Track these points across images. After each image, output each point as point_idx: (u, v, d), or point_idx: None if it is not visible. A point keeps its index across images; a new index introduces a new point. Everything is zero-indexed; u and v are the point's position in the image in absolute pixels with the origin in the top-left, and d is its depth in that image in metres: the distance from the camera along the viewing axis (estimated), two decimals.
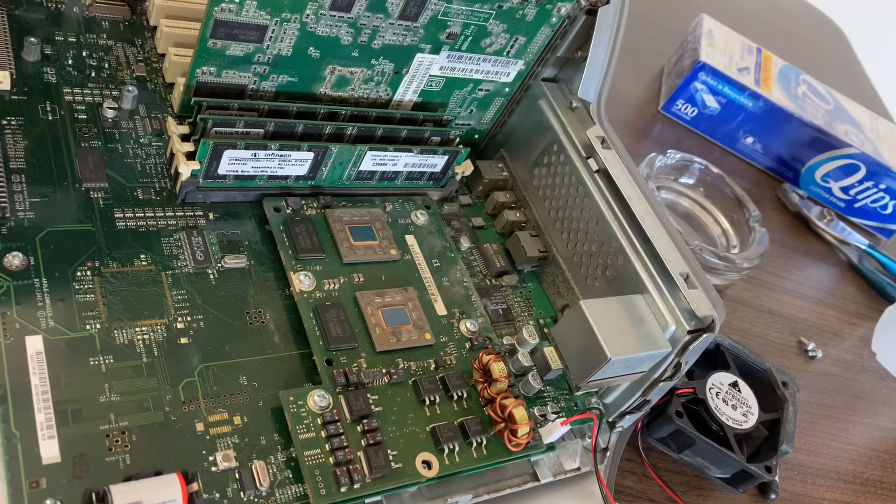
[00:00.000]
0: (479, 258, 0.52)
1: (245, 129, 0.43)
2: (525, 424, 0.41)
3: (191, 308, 0.40)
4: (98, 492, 0.32)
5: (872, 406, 0.69)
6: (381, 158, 0.47)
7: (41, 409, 0.34)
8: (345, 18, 0.42)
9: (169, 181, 0.44)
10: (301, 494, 0.37)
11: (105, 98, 0.45)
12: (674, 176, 0.76)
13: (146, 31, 0.50)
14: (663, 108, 0.87)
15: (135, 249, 0.41)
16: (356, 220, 0.47)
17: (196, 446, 0.36)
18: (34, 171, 0.41)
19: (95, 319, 0.38)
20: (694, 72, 0.83)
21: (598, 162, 0.49)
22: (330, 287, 0.44)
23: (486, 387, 0.42)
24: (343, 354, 0.41)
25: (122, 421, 0.35)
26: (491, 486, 0.42)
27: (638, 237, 0.46)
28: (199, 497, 0.34)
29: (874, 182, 0.85)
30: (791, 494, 0.57)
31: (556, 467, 0.44)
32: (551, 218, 0.52)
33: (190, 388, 0.38)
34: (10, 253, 0.37)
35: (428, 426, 0.41)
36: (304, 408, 0.38)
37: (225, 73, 0.43)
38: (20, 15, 0.46)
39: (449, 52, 0.47)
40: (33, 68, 0.45)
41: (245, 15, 0.40)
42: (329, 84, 0.46)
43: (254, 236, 0.45)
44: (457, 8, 0.45)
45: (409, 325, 0.44)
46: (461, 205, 0.54)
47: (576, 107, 0.52)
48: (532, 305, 0.51)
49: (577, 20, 0.49)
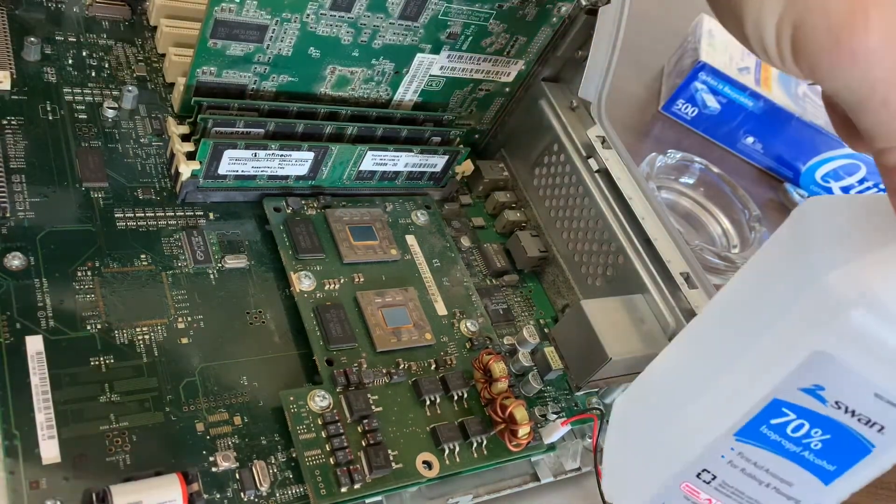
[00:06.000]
0: (480, 258, 0.52)
1: (245, 129, 0.43)
2: (525, 424, 0.41)
3: (191, 308, 0.40)
4: (98, 492, 0.32)
5: None
6: (381, 158, 0.47)
7: (41, 409, 0.34)
8: (345, 18, 0.42)
9: (169, 181, 0.44)
10: (301, 495, 0.37)
11: (105, 98, 0.45)
12: (674, 176, 0.76)
13: (146, 31, 0.50)
14: (663, 108, 0.87)
15: (135, 249, 0.41)
16: (356, 220, 0.47)
17: (196, 446, 0.36)
18: (34, 171, 0.41)
19: (95, 319, 0.37)
20: (694, 72, 0.83)
21: (599, 162, 0.49)
22: (330, 287, 0.44)
23: (487, 387, 0.42)
24: (343, 354, 0.41)
25: (122, 421, 0.35)
26: (491, 486, 0.42)
27: (638, 237, 0.46)
28: (199, 497, 0.34)
29: (874, 182, 0.85)
30: None
31: (556, 467, 0.44)
32: (552, 218, 0.52)
33: (190, 388, 0.38)
34: (10, 253, 0.37)
35: (428, 426, 0.41)
36: (304, 408, 0.38)
37: (225, 73, 0.43)
38: (20, 15, 0.46)
39: (449, 51, 0.47)
40: (33, 68, 0.45)
41: (245, 15, 0.40)
42: (329, 84, 0.46)
43: (254, 236, 0.45)
44: (457, 8, 0.45)
45: (409, 325, 0.44)
46: (461, 205, 0.54)
47: (576, 107, 0.51)
48: (532, 305, 0.51)
49: (578, 20, 0.49)
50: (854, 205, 0.27)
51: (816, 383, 0.26)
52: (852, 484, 0.29)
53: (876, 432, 0.27)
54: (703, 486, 0.31)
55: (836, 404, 0.27)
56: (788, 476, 0.29)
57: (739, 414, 0.28)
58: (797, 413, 0.27)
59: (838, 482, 0.29)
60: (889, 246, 0.25)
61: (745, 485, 0.30)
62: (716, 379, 0.30)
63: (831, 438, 0.28)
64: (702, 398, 0.30)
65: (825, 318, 0.25)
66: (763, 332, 0.28)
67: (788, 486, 0.29)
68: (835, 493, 0.30)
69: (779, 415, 0.28)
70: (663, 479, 0.31)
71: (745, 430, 0.29)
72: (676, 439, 0.31)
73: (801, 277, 0.26)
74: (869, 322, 0.24)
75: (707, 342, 0.32)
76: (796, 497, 0.30)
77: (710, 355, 0.31)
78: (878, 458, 0.28)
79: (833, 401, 0.26)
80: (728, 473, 0.30)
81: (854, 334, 0.25)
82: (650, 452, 0.33)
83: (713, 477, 0.30)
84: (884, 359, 0.25)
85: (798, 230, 0.28)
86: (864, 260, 0.25)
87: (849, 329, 0.25)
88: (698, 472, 0.30)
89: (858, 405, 0.26)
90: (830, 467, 0.29)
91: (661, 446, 0.32)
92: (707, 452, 0.30)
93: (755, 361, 0.28)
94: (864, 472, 0.29)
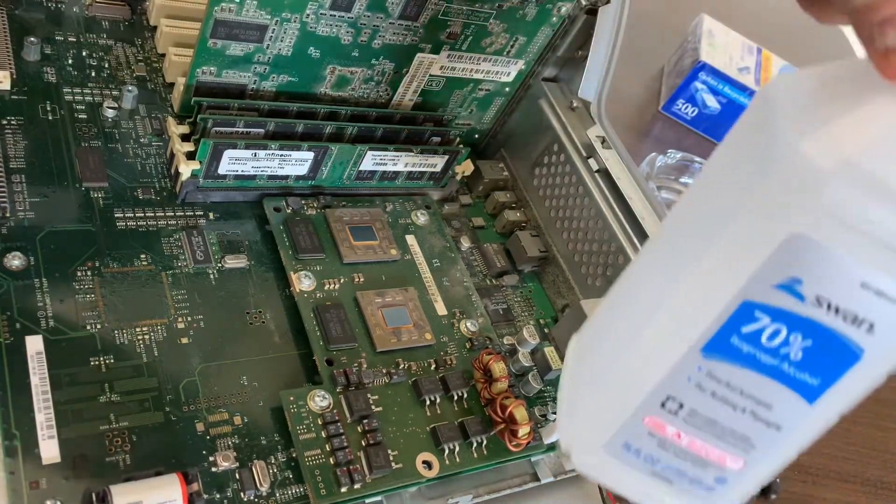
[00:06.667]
0: (480, 258, 0.52)
1: (245, 128, 0.43)
2: (525, 424, 0.41)
3: (191, 308, 0.40)
4: (98, 492, 0.32)
5: (873, 406, 0.69)
6: (381, 158, 0.47)
7: (41, 409, 0.34)
8: (345, 18, 0.42)
9: (169, 181, 0.44)
10: (301, 495, 0.37)
11: (105, 98, 0.45)
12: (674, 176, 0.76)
13: (146, 31, 0.50)
14: (663, 108, 0.87)
15: (135, 249, 0.41)
16: (356, 220, 0.47)
17: (196, 446, 0.36)
18: (34, 171, 0.41)
19: (95, 319, 0.37)
20: (694, 71, 0.83)
21: (599, 162, 0.49)
22: (330, 287, 0.44)
23: (487, 387, 0.42)
24: (343, 354, 0.41)
25: (122, 421, 0.35)
26: (491, 486, 0.42)
27: (638, 237, 0.46)
28: (199, 497, 0.34)
29: None
30: (791, 494, 0.57)
31: (556, 467, 0.44)
32: (552, 218, 0.52)
33: (190, 388, 0.38)
34: (10, 253, 0.37)
35: (428, 426, 0.41)
36: (304, 408, 0.38)
37: (225, 73, 0.43)
38: (20, 15, 0.46)
39: (449, 51, 0.47)
40: (33, 68, 0.45)
41: (245, 15, 0.40)
42: (329, 84, 0.46)
43: (254, 236, 0.45)
44: (457, 8, 0.45)
45: (409, 325, 0.44)
46: (461, 205, 0.54)
47: (576, 106, 0.51)
48: (532, 305, 0.51)
49: (578, 20, 0.49)
50: (822, 74, 0.24)
51: (793, 276, 0.23)
52: (840, 402, 0.25)
53: (864, 332, 0.23)
54: (670, 417, 0.26)
55: (816, 301, 0.23)
56: (766, 397, 0.25)
57: (705, 324, 0.24)
58: (772, 316, 0.23)
59: (825, 400, 0.25)
60: (870, 104, 0.22)
61: (718, 412, 0.26)
62: (676, 286, 0.25)
63: (813, 345, 0.24)
64: (661, 311, 0.26)
65: (800, 193, 0.22)
66: (727, 222, 0.24)
67: (767, 409, 0.25)
68: (821, 414, 0.26)
69: (751, 320, 0.24)
70: (624, 415, 0.27)
71: (712, 343, 0.24)
72: (636, 365, 0.27)
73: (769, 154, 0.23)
74: (852, 193, 0.21)
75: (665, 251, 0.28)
76: (777, 422, 0.26)
77: (669, 263, 0.27)
78: (868, 367, 0.24)
79: (813, 297, 0.23)
80: (697, 399, 0.26)
81: (835, 208, 0.21)
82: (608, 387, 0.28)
83: (680, 406, 0.26)
84: (870, 236, 0.21)
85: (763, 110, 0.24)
86: (841, 123, 0.21)
87: (828, 203, 0.21)
88: (662, 400, 0.26)
89: (842, 299, 0.22)
90: (814, 381, 0.25)
91: (620, 377, 0.27)
92: (671, 375, 0.25)
93: (720, 258, 0.24)
94: (854, 387, 0.25)
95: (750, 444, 0.26)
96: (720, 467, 0.27)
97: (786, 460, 0.27)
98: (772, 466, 0.27)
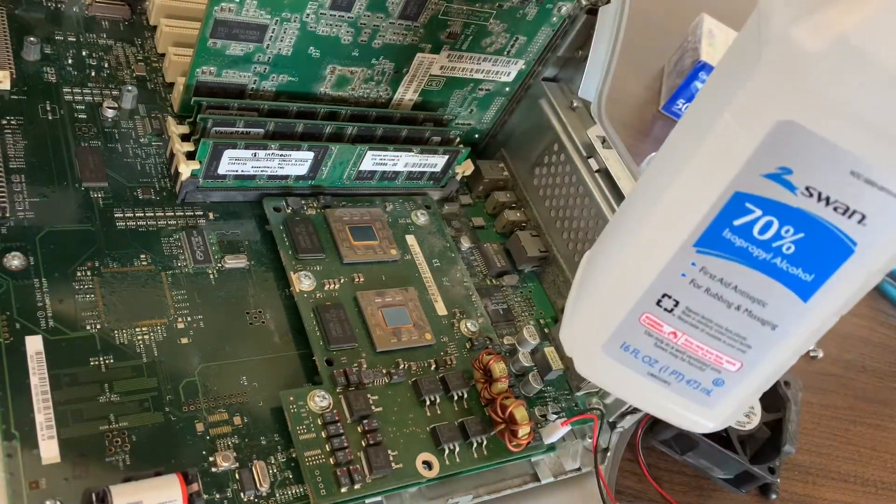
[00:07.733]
0: (480, 258, 0.52)
1: (245, 128, 0.43)
2: (526, 425, 0.41)
3: (191, 308, 0.40)
4: (98, 492, 0.32)
5: (873, 406, 0.69)
6: (381, 158, 0.47)
7: (41, 409, 0.34)
8: (345, 18, 0.42)
9: (169, 181, 0.44)
10: (301, 495, 0.37)
11: (105, 98, 0.45)
12: None
13: (146, 30, 0.50)
14: (664, 108, 0.87)
15: (135, 249, 0.41)
16: (356, 220, 0.47)
17: (196, 446, 0.36)
18: (34, 171, 0.41)
19: (95, 319, 0.37)
20: (694, 71, 0.83)
21: (599, 162, 0.49)
22: (330, 287, 0.44)
23: (487, 387, 0.42)
24: (343, 354, 0.41)
25: (122, 421, 0.35)
26: (491, 486, 0.42)
27: None
28: (199, 497, 0.34)
29: None
30: (792, 494, 0.57)
31: (556, 468, 0.44)
32: (552, 218, 0.52)
33: (190, 388, 0.38)
34: (10, 253, 0.37)
35: (428, 426, 0.41)
36: (304, 408, 0.38)
37: (225, 73, 0.43)
38: (20, 15, 0.46)
39: (449, 51, 0.47)
40: (33, 68, 0.45)
41: (245, 14, 0.40)
42: (329, 84, 0.46)
43: (254, 236, 0.45)
44: (457, 7, 0.45)
45: (409, 325, 0.44)
46: (461, 205, 0.54)
47: (576, 106, 0.51)
48: (533, 305, 0.51)
49: (578, 20, 0.49)
50: None
51: (782, 165, 0.22)
52: (835, 300, 0.25)
53: (856, 224, 0.23)
54: (665, 315, 0.27)
55: (807, 191, 0.23)
56: (760, 293, 0.25)
57: (698, 217, 0.24)
58: (763, 208, 0.23)
59: (819, 297, 0.25)
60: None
61: (712, 309, 0.26)
62: (671, 183, 0.25)
63: (805, 238, 0.23)
64: (657, 208, 0.26)
65: (787, 77, 0.21)
66: (719, 112, 0.24)
67: (762, 306, 0.25)
68: (817, 312, 0.25)
69: (742, 212, 0.24)
70: (621, 313, 0.27)
71: (705, 237, 0.24)
72: (633, 263, 0.27)
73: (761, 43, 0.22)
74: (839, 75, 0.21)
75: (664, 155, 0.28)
76: (772, 320, 0.26)
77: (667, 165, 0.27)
78: (862, 260, 0.24)
79: (803, 186, 0.23)
80: (691, 296, 0.26)
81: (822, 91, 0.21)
82: (607, 286, 0.28)
83: (675, 303, 0.26)
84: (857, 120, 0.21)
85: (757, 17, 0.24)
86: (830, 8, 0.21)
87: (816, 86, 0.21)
88: (658, 298, 0.26)
89: (833, 189, 0.22)
90: (807, 276, 0.24)
91: (618, 276, 0.27)
92: (666, 271, 0.25)
93: (712, 150, 0.24)
94: (849, 282, 0.24)
95: (745, 344, 0.26)
96: (717, 368, 0.27)
97: (783, 364, 0.27)
98: (769, 370, 0.27)
